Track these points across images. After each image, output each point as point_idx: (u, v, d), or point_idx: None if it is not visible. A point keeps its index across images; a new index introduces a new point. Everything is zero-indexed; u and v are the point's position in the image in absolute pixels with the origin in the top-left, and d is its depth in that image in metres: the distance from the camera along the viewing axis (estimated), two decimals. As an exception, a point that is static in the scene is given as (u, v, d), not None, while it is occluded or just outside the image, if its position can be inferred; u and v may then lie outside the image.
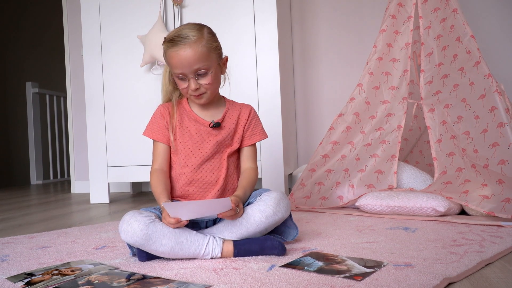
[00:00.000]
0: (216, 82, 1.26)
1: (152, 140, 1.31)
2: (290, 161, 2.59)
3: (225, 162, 1.27)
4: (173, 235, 1.09)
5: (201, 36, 1.19)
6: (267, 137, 1.38)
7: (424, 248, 1.17)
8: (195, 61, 1.18)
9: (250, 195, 1.25)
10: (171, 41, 1.19)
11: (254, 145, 1.34)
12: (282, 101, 2.34)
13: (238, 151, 1.33)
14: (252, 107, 1.36)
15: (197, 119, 1.28)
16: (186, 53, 1.17)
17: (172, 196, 1.27)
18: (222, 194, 1.27)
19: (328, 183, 1.97)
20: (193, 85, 1.21)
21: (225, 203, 1.08)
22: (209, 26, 1.26)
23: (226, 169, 1.27)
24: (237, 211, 1.13)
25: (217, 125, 1.27)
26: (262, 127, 1.37)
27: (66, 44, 3.33)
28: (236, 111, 1.33)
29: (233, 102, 1.36)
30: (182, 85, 1.23)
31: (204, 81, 1.22)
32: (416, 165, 2.21)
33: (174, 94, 1.32)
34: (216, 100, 1.32)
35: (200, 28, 1.22)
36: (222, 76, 1.31)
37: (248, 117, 1.33)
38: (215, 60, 1.23)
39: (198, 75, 1.20)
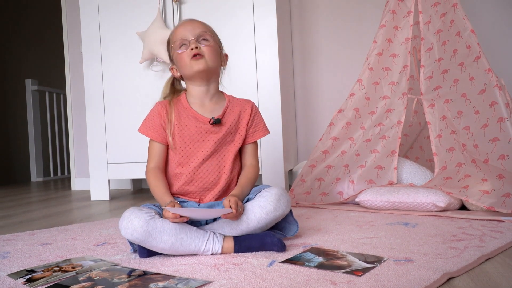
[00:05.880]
0: (216, 55, 1.26)
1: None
2: (290, 157, 2.59)
3: (227, 162, 1.26)
4: (173, 231, 1.09)
5: (205, 23, 1.29)
6: (269, 133, 1.36)
7: (424, 243, 1.17)
8: (200, 27, 1.25)
9: (248, 193, 1.24)
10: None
11: (255, 141, 1.33)
12: (282, 96, 2.34)
13: (239, 148, 1.31)
14: (253, 102, 1.34)
15: (196, 117, 1.26)
16: (193, 23, 1.26)
17: (171, 193, 1.26)
18: (223, 194, 1.26)
19: (328, 179, 1.97)
20: (193, 45, 1.22)
21: (227, 211, 1.10)
22: (207, 22, 1.31)
23: (229, 169, 1.25)
24: (239, 210, 1.13)
25: (217, 122, 1.24)
26: (264, 123, 1.35)
27: (65, 41, 3.32)
28: (237, 107, 1.30)
29: (233, 97, 1.34)
30: (184, 54, 1.23)
31: (205, 43, 1.24)
32: (416, 161, 2.21)
33: (174, 94, 1.32)
34: (215, 95, 1.31)
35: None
36: (222, 68, 1.32)
37: (251, 113, 1.31)
38: (217, 41, 1.28)
39: (199, 40, 1.24)
